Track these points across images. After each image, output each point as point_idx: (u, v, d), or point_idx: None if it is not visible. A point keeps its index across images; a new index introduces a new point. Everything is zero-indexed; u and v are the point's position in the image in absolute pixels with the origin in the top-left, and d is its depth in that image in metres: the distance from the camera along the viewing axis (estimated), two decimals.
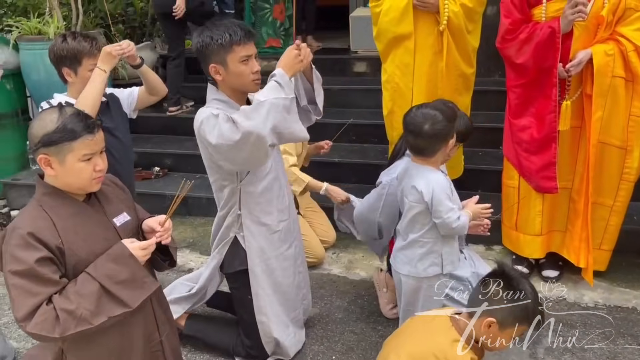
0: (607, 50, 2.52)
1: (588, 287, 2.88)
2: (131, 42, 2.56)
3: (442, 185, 2.16)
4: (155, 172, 4.21)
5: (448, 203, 2.13)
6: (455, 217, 2.13)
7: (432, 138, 2.13)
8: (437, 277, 2.25)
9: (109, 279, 1.60)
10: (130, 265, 1.64)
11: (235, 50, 2.07)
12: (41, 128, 1.59)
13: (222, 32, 2.06)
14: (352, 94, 4.59)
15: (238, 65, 2.09)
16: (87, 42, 2.45)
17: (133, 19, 4.80)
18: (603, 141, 2.66)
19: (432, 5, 2.88)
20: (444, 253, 2.23)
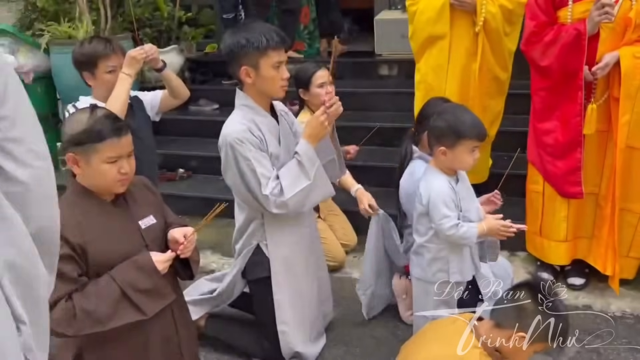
0: (635, 52, 2.46)
1: (615, 296, 2.81)
2: (154, 45, 2.60)
3: (439, 190, 2.11)
4: (180, 174, 4.26)
5: (443, 209, 2.08)
6: (449, 225, 2.07)
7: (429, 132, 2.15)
8: (446, 283, 2.21)
9: (131, 286, 1.64)
10: (153, 277, 1.69)
11: (269, 55, 2.09)
12: (71, 128, 1.66)
13: (259, 36, 2.07)
14: (377, 97, 4.57)
15: (270, 70, 2.11)
16: (101, 44, 2.50)
17: (160, 22, 4.87)
18: (631, 145, 2.59)
19: (470, 4, 2.83)
20: (451, 261, 2.19)
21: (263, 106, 2.23)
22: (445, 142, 2.07)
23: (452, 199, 2.12)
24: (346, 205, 3.58)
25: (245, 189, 2.18)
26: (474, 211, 2.19)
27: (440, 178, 2.14)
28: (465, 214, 2.16)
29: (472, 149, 2.09)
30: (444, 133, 2.07)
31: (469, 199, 2.20)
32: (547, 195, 2.83)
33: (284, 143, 2.28)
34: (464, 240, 2.12)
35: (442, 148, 2.08)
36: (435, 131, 2.10)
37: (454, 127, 2.06)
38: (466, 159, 2.10)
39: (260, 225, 2.32)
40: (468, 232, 2.10)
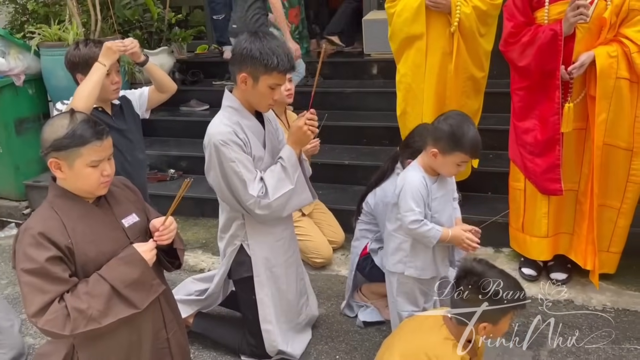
0: (611, 52, 2.51)
1: (596, 290, 2.87)
2: (135, 40, 2.62)
3: (412, 184, 2.15)
4: (171, 174, 4.30)
5: (410, 202, 2.13)
6: (412, 219, 2.12)
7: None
8: (407, 276, 2.27)
9: (120, 281, 1.67)
10: (140, 267, 1.71)
11: (272, 76, 2.12)
12: (52, 133, 1.67)
13: (271, 54, 2.09)
14: (365, 96, 4.62)
15: (266, 88, 2.15)
16: (98, 48, 2.52)
17: (150, 24, 4.90)
18: (609, 143, 2.65)
19: (445, 5, 2.89)
20: (411, 255, 2.24)
21: (249, 110, 2.27)
22: (441, 147, 2.09)
23: (422, 195, 2.15)
24: (333, 203, 3.63)
25: (227, 190, 2.23)
26: (445, 216, 2.22)
27: (418, 173, 2.18)
28: (434, 215, 2.19)
29: (461, 162, 2.12)
30: (444, 138, 2.08)
31: (444, 202, 2.22)
32: (529, 192, 2.89)
33: (269, 147, 2.32)
34: (424, 239, 2.16)
35: (435, 150, 2.10)
36: (436, 132, 2.11)
37: (455, 136, 2.06)
38: (452, 169, 2.15)
39: (242, 225, 2.37)
40: (430, 232, 2.14)
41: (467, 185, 3.47)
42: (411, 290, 2.32)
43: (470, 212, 3.40)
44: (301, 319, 2.60)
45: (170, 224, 1.82)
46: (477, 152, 2.13)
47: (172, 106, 4.73)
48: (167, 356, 1.93)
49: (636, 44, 2.50)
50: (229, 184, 2.21)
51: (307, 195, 2.34)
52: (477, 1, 2.93)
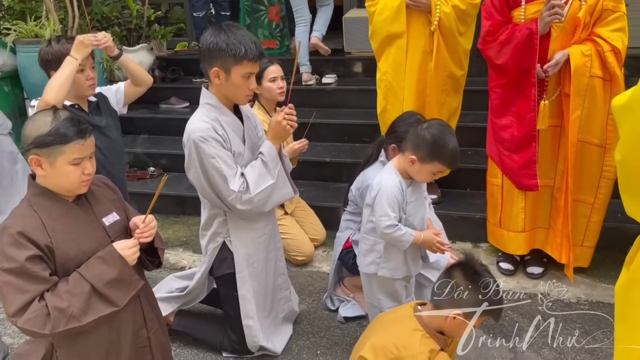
0: (584, 50, 2.57)
1: (571, 283, 2.93)
2: (107, 34, 2.60)
3: (388, 189, 2.15)
4: (151, 172, 4.27)
5: (386, 208, 2.13)
6: (387, 224, 2.13)
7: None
8: (383, 277, 2.30)
9: (99, 279, 1.66)
10: (118, 266, 1.71)
11: (243, 65, 2.12)
12: (34, 129, 1.65)
13: (239, 44, 2.09)
14: (346, 94, 4.64)
15: (240, 79, 2.15)
16: (70, 44, 2.49)
17: (129, 21, 4.86)
18: (583, 140, 2.71)
19: (425, 4, 2.93)
20: (385, 256, 2.26)
21: (227, 106, 2.27)
22: (420, 154, 2.09)
23: (398, 200, 2.17)
24: (314, 201, 3.65)
25: (208, 187, 2.23)
26: (418, 218, 2.25)
27: (394, 178, 2.19)
28: (408, 218, 2.22)
29: (437, 172, 2.14)
30: (424, 147, 2.08)
31: (417, 205, 2.25)
32: (506, 188, 2.94)
33: (248, 143, 2.32)
34: (398, 243, 2.19)
35: (414, 157, 2.10)
36: (417, 140, 2.10)
37: (436, 146, 2.06)
38: (427, 177, 2.17)
39: (224, 222, 2.37)
40: (404, 236, 2.16)
41: (446, 181, 3.52)
42: (392, 287, 2.35)
43: (449, 209, 3.46)
44: (281, 314, 2.62)
45: (150, 222, 1.81)
46: (455, 164, 2.13)
47: (152, 104, 4.71)
48: (148, 355, 1.93)
49: (609, 43, 2.56)
50: (209, 181, 2.21)
51: (288, 189, 2.36)
52: (457, 0, 2.98)
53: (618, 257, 3.13)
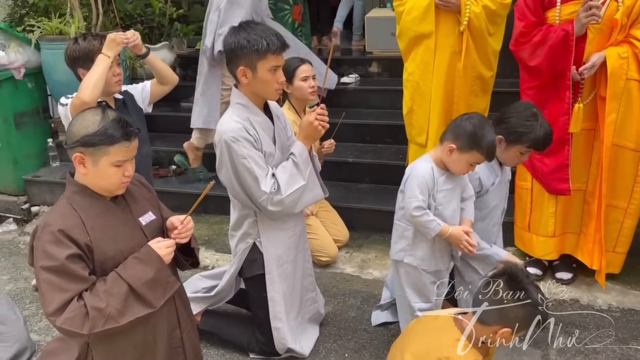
0: (621, 53, 2.53)
1: (602, 290, 2.88)
2: (137, 32, 2.61)
3: (420, 173, 2.20)
4: (173, 170, 4.27)
5: (415, 190, 2.18)
6: (415, 205, 2.16)
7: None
8: (411, 266, 2.29)
9: (137, 279, 1.66)
10: (155, 265, 1.70)
11: (268, 59, 2.11)
12: (83, 128, 1.65)
13: (260, 38, 2.08)
14: (367, 94, 4.61)
15: (266, 73, 2.14)
16: (97, 41, 2.51)
17: (151, 19, 4.86)
18: (617, 144, 2.66)
19: (454, 4, 2.88)
20: (413, 244, 2.27)
21: (258, 105, 2.26)
22: (459, 143, 2.13)
23: (428, 184, 2.19)
24: (336, 201, 3.63)
25: (239, 187, 2.21)
26: (450, 210, 2.24)
27: (427, 163, 2.22)
28: (438, 207, 2.22)
29: (475, 162, 2.16)
30: (464, 135, 2.12)
31: (450, 196, 2.24)
32: (536, 192, 2.90)
33: (278, 143, 2.31)
34: (424, 229, 2.20)
35: (453, 146, 2.14)
36: (457, 129, 2.16)
37: (476, 135, 2.11)
38: (464, 167, 2.18)
39: (254, 223, 2.36)
40: (431, 223, 2.17)
41: None
42: (419, 281, 2.33)
43: None
44: (307, 316, 2.60)
45: (187, 222, 1.81)
46: (493, 155, 2.18)
47: (173, 101, 4.70)
48: (181, 355, 1.92)
49: None
50: (240, 181, 2.20)
51: (318, 191, 2.34)
52: (487, 0, 2.93)
53: None
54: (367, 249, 3.49)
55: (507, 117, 2.33)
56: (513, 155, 2.34)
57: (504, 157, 2.36)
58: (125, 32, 2.59)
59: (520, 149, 2.30)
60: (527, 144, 2.27)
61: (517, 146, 2.29)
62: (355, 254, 3.46)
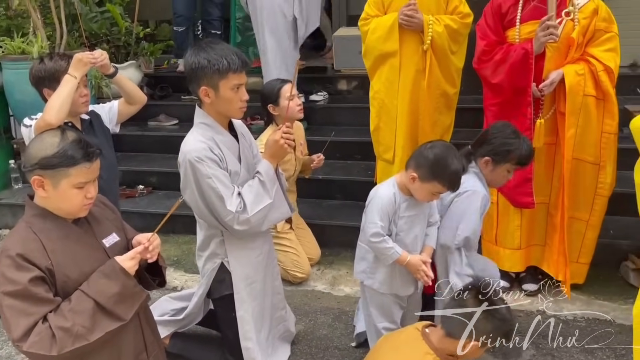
0: (578, 70, 2.62)
1: (567, 300, 2.94)
2: (104, 52, 2.59)
3: (382, 199, 2.20)
4: (140, 191, 4.21)
5: (374, 215, 2.18)
6: (374, 232, 2.17)
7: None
8: (372, 289, 2.30)
9: (103, 295, 1.62)
10: (120, 278, 1.66)
11: (229, 78, 2.10)
12: (41, 150, 1.61)
13: (220, 58, 2.08)
14: (336, 111, 4.66)
15: (229, 92, 2.13)
16: (64, 61, 2.47)
17: (117, 38, 4.83)
18: (577, 157, 2.75)
19: (417, 24, 2.96)
20: (373, 267, 2.29)
21: (222, 124, 2.25)
22: (421, 173, 2.12)
23: (388, 210, 2.19)
24: (307, 218, 3.63)
25: (205, 207, 2.19)
26: (411, 237, 2.25)
27: (390, 189, 2.22)
28: (399, 233, 2.23)
29: (436, 192, 2.15)
30: (426, 165, 2.11)
31: (412, 222, 2.24)
32: (501, 205, 2.96)
33: (244, 161, 2.30)
34: (382, 256, 2.20)
35: (415, 175, 2.13)
36: (419, 158, 2.14)
37: (437, 166, 2.09)
38: (427, 196, 2.17)
39: (221, 242, 2.33)
40: (388, 250, 2.18)
41: None
42: (383, 302, 2.34)
43: None
44: (278, 334, 2.58)
45: (154, 240, 1.78)
46: (455, 185, 2.16)
47: (141, 121, 4.66)
48: None
49: (602, 63, 2.62)
50: (206, 201, 2.18)
51: (285, 208, 2.34)
52: (449, 20, 3.02)
53: (611, 273, 3.21)
54: (339, 265, 3.50)
55: (491, 138, 2.34)
56: (500, 175, 2.35)
57: (491, 177, 2.35)
58: (93, 51, 2.56)
59: (507, 167, 2.32)
60: (514, 161, 2.30)
61: (505, 165, 2.31)
62: (327, 270, 3.46)
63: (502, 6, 2.75)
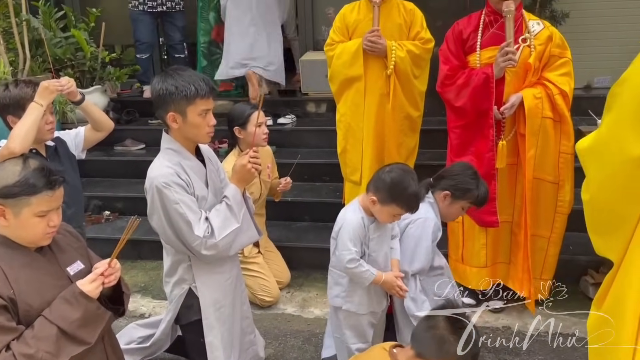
0: (536, 93, 2.74)
1: (532, 316, 3.01)
2: (71, 79, 2.57)
3: (352, 225, 2.23)
4: (106, 217, 4.15)
5: (347, 242, 2.21)
6: (349, 258, 2.20)
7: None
8: (348, 311, 2.32)
9: (65, 320, 1.60)
10: (82, 303, 1.64)
11: (197, 103, 2.11)
12: (2, 178, 1.59)
13: (187, 84, 2.09)
14: (304, 134, 4.70)
15: (196, 118, 2.13)
16: (30, 88, 2.45)
17: (83, 63, 4.79)
18: (538, 177, 2.85)
19: (381, 50, 3.05)
20: (349, 290, 2.31)
21: (189, 149, 2.24)
22: (380, 197, 2.18)
23: (360, 235, 2.23)
24: (277, 241, 3.63)
25: (172, 233, 2.18)
26: (382, 255, 2.31)
27: (357, 214, 2.26)
28: (372, 254, 2.28)
29: (396, 214, 2.22)
30: (384, 189, 2.17)
31: (381, 241, 2.30)
32: (467, 225, 3.03)
33: (211, 186, 2.30)
34: (358, 279, 2.25)
35: (374, 198, 2.19)
36: (378, 182, 2.20)
37: (394, 190, 2.15)
38: (387, 218, 2.23)
39: (189, 268, 2.31)
40: (365, 273, 2.23)
41: None
42: (358, 323, 2.36)
43: None
44: (248, 358, 2.56)
45: (114, 265, 1.75)
46: (414, 207, 2.22)
47: (107, 146, 4.61)
48: None
49: (557, 87, 2.74)
50: (173, 227, 2.17)
51: (252, 232, 2.34)
52: (411, 45, 3.12)
53: (572, 288, 3.29)
54: (308, 287, 3.50)
55: (453, 175, 2.44)
56: (455, 211, 2.46)
57: (446, 211, 2.45)
58: (60, 78, 2.54)
59: (463, 205, 2.43)
60: (471, 200, 2.41)
61: (462, 202, 2.41)
62: (296, 293, 3.46)
63: (463, 32, 2.86)
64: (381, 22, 3.07)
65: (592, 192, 1.37)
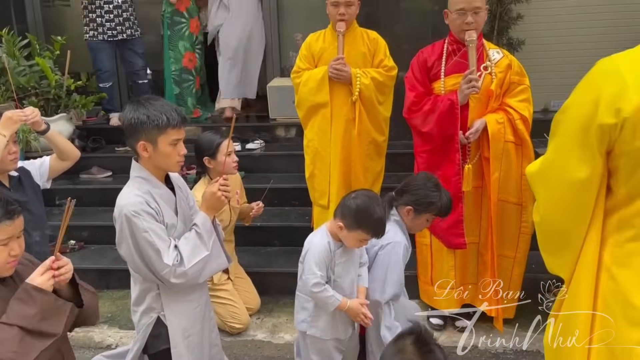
0: (498, 119, 2.84)
1: (499, 334, 3.06)
2: (35, 108, 2.55)
3: (316, 248, 2.26)
4: (71, 246, 4.07)
5: (313, 266, 2.24)
6: (314, 282, 2.23)
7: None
8: (313, 336, 2.33)
9: (24, 318, 1.56)
10: (37, 298, 1.60)
11: (168, 133, 2.12)
12: None
13: (159, 114, 2.09)
14: (273, 159, 4.73)
15: (167, 147, 2.13)
16: None
17: (47, 91, 4.72)
18: (502, 199, 2.94)
19: (345, 77, 3.14)
20: (314, 315, 2.33)
21: (159, 177, 2.24)
22: (346, 222, 2.21)
23: (325, 260, 2.26)
24: (246, 266, 3.61)
25: (141, 261, 2.16)
26: (348, 281, 2.33)
27: (323, 238, 2.29)
28: (337, 279, 2.30)
29: (363, 240, 2.25)
30: (349, 215, 2.20)
31: (347, 267, 2.32)
32: (435, 247, 3.09)
33: (180, 214, 2.29)
34: (323, 304, 2.27)
35: (341, 224, 2.23)
36: (344, 208, 2.24)
37: (360, 216, 2.19)
38: (354, 243, 2.26)
39: (157, 296, 2.28)
40: (330, 298, 2.25)
41: None
42: (324, 347, 2.37)
43: None
44: None
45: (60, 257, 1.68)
46: (380, 232, 2.26)
47: (72, 174, 4.52)
48: None
49: (518, 112, 2.86)
50: (142, 255, 2.15)
51: (222, 259, 2.33)
52: (375, 73, 3.21)
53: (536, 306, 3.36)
54: (278, 312, 3.49)
55: (415, 190, 2.45)
56: (420, 223, 2.48)
57: (411, 225, 2.48)
58: (24, 108, 2.52)
59: (427, 217, 2.45)
60: (434, 212, 2.43)
61: (426, 215, 2.44)
62: (267, 318, 3.44)
63: (427, 60, 2.96)
64: (346, 50, 3.16)
65: (542, 214, 1.44)
